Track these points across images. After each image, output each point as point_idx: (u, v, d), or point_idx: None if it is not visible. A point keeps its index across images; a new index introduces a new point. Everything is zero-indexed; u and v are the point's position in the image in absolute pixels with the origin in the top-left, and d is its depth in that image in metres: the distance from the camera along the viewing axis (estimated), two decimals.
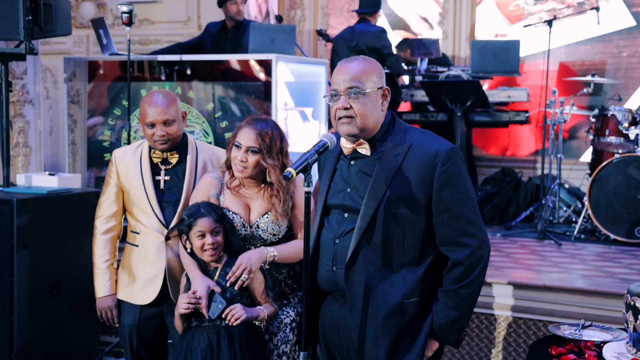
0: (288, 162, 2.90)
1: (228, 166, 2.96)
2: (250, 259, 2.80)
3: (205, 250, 2.82)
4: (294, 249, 2.89)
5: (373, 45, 6.37)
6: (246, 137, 2.86)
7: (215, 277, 2.85)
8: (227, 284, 2.82)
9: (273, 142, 2.86)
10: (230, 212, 2.92)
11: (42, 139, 5.38)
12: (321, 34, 7.25)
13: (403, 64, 6.75)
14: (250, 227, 2.91)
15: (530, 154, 7.34)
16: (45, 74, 7.32)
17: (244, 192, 2.96)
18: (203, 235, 2.81)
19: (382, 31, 6.48)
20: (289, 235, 2.99)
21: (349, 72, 2.43)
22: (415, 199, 2.41)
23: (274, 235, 2.92)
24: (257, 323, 2.85)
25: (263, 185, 2.94)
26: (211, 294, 2.80)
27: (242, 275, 2.78)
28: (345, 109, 2.42)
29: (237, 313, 2.75)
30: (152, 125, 3.10)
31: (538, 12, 7.18)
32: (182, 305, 2.80)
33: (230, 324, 2.75)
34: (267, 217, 2.91)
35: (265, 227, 2.91)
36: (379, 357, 2.43)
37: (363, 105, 2.42)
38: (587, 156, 6.49)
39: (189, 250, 2.89)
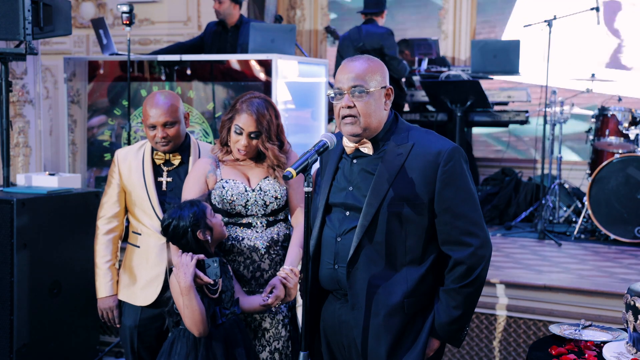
0: (284, 138, 2.98)
1: (224, 144, 2.99)
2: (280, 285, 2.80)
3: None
4: (296, 253, 2.88)
5: (380, 47, 6.37)
6: (245, 122, 2.89)
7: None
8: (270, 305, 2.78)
9: (270, 123, 2.92)
10: (231, 180, 2.93)
11: (42, 139, 5.37)
12: (329, 31, 7.23)
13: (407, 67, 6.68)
14: (253, 190, 2.93)
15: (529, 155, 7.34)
16: (45, 74, 7.31)
17: (240, 164, 2.99)
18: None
19: (389, 33, 6.48)
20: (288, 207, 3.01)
21: (353, 71, 2.43)
22: (418, 198, 2.41)
23: (277, 199, 2.94)
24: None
25: (259, 159, 2.99)
26: (201, 264, 2.67)
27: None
28: (349, 107, 2.43)
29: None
30: (153, 127, 3.11)
31: None
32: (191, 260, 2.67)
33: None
34: (269, 180, 2.95)
35: (268, 189, 2.93)
36: (380, 356, 2.43)
37: (366, 104, 2.42)
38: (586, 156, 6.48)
39: (208, 238, 2.75)
